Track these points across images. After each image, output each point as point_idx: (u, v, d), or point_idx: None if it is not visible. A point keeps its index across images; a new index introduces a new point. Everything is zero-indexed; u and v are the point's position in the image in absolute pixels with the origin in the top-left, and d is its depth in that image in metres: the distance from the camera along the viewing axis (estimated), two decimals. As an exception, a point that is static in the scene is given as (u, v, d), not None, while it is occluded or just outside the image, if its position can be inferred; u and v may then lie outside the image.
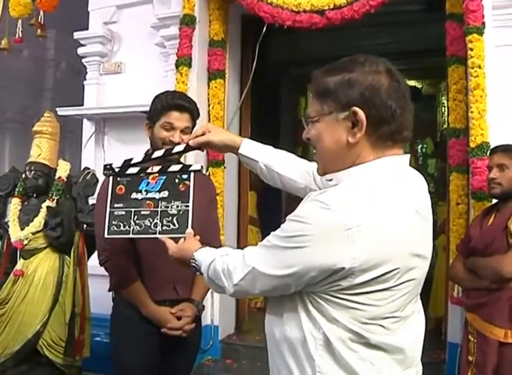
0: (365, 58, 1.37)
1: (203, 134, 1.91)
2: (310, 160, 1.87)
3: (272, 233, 1.37)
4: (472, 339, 2.99)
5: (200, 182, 2.28)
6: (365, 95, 1.31)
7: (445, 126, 7.25)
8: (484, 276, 2.93)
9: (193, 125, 2.56)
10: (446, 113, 5.43)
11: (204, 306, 2.67)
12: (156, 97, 2.57)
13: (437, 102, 8.74)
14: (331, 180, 1.40)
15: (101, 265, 2.52)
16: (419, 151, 8.70)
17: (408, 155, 1.42)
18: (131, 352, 2.46)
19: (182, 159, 2.89)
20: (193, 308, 2.55)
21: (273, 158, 1.86)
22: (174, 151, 2.01)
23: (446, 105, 6.76)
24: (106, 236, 2.02)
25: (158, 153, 2.05)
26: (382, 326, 1.29)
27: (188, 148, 1.97)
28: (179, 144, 2.21)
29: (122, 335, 2.54)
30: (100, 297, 3.07)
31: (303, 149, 8.08)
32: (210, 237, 2.45)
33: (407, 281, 1.31)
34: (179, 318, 2.48)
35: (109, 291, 2.62)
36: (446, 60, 4.02)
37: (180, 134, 2.46)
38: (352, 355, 1.28)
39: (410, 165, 1.44)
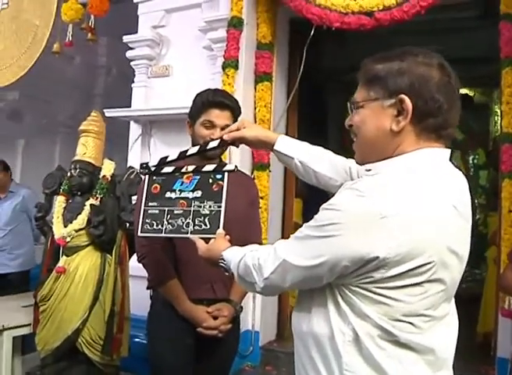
0: (418, 50, 1.36)
1: (238, 130, 1.90)
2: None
3: (305, 224, 1.33)
4: (523, 353, 2.87)
5: (244, 182, 2.25)
6: (414, 85, 1.29)
7: (498, 134, 7.10)
8: (537, 286, 2.80)
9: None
10: (499, 122, 5.28)
11: (242, 307, 2.62)
12: (197, 95, 2.55)
13: (490, 111, 8.55)
14: (369, 170, 1.35)
15: (139, 261, 2.51)
16: (470, 162, 8.53)
17: (449, 150, 1.37)
18: (167, 350, 2.45)
19: (227, 160, 2.86)
20: (231, 309, 2.50)
21: (309, 155, 1.82)
22: (208, 146, 1.99)
23: (499, 113, 6.61)
24: (139, 234, 2.00)
25: (193, 150, 2.02)
26: (412, 324, 1.24)
27: (222, 144, 1.95)
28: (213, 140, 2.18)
29: (158, 333, 2.53)
30: (141, 298, 3.05)
31: (350, 156, 8.00)
32: (251, 238, 2.41)
33: (441, 279, 1.25)
34: (215, 318, 2.44)
35: (147, 288, 2.61)
36: (499, 63, 3.89)
37: (221, 132, 2.42)
38: (380, 353, 1.23)
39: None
